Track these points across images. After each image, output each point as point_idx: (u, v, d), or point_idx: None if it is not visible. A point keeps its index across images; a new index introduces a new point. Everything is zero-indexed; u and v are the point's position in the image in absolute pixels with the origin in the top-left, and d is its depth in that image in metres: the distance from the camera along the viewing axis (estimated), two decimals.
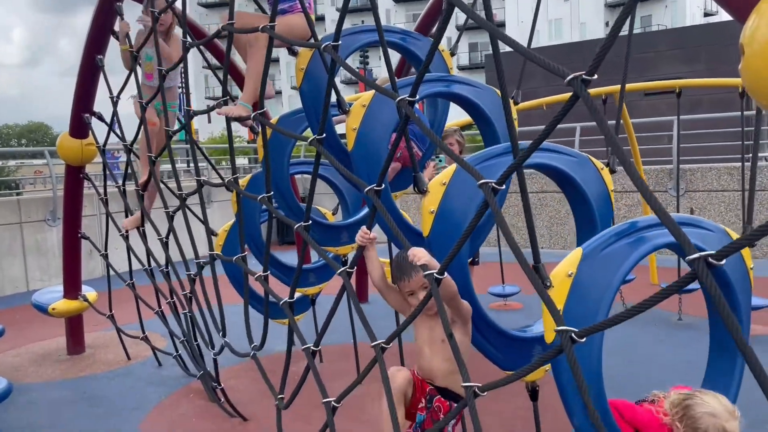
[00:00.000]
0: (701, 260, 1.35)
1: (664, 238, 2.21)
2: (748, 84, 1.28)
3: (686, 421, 2.02)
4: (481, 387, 1.86)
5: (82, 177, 5.16)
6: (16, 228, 8.73)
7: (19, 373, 5.22)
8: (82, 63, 4.56)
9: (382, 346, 2.20)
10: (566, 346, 1.61)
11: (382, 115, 3.36)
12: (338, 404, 2.37)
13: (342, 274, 2.46)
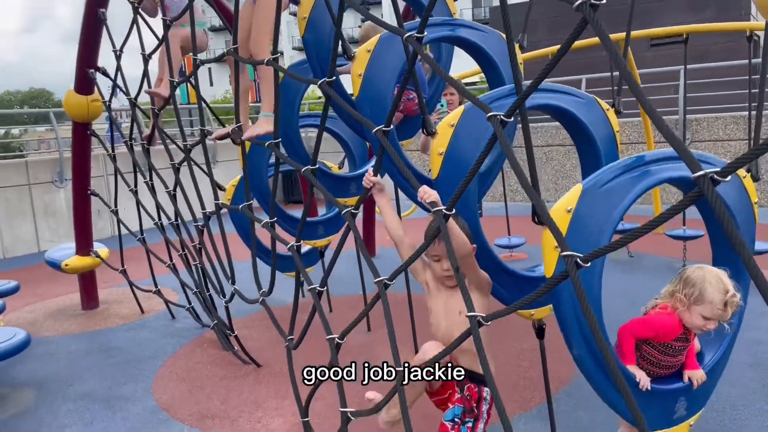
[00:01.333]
0: (707, 177, 1.39)
1: (666, 173, 2.23)
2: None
3: (685, 290, 2.12)
4: (485, 317, 1.91)
5: (89, 134, 5.18)
6: (25, 189, 8.80)
7: (35, 327, 5.35)
8: (85, 17, 4.54)
9: (385, 282, 2.24)
10: (571, 270, 1.65)
11: (387, 60, 3.35)
12: (341, 340, 2.42)
13: (346, 214, 2.47)
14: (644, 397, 2.26)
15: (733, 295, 2.06)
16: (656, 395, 2.27)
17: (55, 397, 3.92)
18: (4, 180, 8.64)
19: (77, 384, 4.11)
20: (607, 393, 2.22)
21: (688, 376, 2.27)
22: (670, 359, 2.23)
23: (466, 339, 2.01)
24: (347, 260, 5.12)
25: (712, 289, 2.08)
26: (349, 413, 2.41)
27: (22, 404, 3.86)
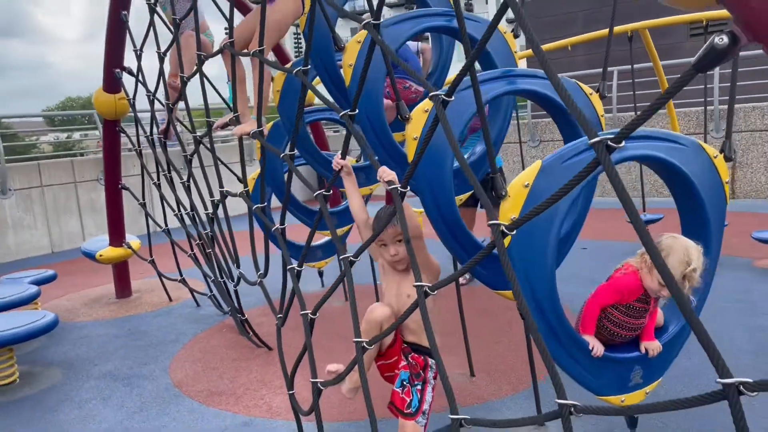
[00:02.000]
0: (602, 143, 1.46)
1: (631, 152, 2.27)
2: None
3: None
4: (431, 287, 2.01)
5: (117, 130, 5.49)
6: (71, 187, 9.31)
7: (71, 314, 5.70)
8: (109, 20, 4.82)
9: (351, 259, 2.37)
10: (497, 238, 1.72)
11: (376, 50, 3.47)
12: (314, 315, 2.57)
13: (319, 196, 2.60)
14: (598, 364, 2.32)
15: (693, 270, 2.09)
16: (610, 362, 2.33)
17: (79, 375, 4.20)
18: (53, 179, 9.17)
19: (102, 364, 4.39)
20: (559, 358, 2.29)
21: (644, 347, 2.32)
22: (633, 321, 2.29)
23: (414, 310, 2.13)
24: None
25: (674, 258, 2.12)
26: (319, 383, 2.56)
27: (50, 381, 4.15)
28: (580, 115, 1.47)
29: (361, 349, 2.33)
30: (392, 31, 3.63)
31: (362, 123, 3.44)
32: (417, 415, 2.39)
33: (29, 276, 5.54)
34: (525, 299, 2.22)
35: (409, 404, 2.44)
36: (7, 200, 8.66)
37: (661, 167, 2.34)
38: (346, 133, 2.50)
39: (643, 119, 1.40)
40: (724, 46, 1.21)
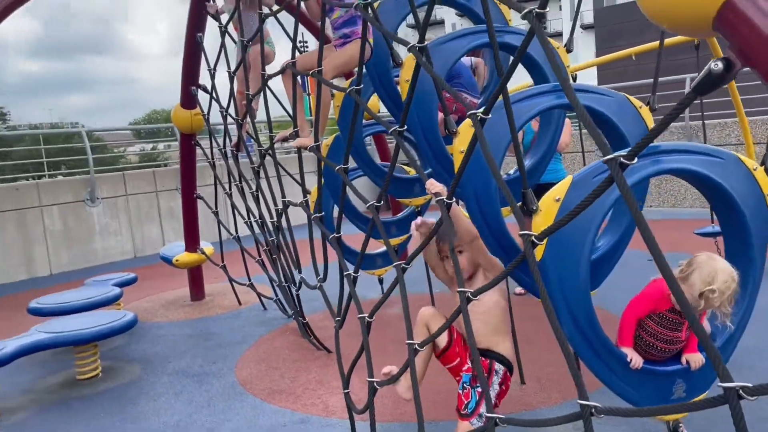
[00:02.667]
0: (615, 161, 1.54)
1: (659, 165, 2.31)
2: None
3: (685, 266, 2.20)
4: (473, 292, 2.13)
5: (193, 143, 5.87)
6: (153, 196, 9.93)
7: (150, 315, 6.12)
8: (186, 41, 5.19)
9: (403, 266, 2.52)
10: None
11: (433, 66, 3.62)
12: (371, 318, 2.72)
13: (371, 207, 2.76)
14: (637, 376, 2.35)
15: (711, 291, 2.11)
16: (650, 374, 2.35)
17: (155, 372, 4.53)
18: (136, 188, 9.81)
19: (175, 361, 4.72)
20: (597, 370, 2.34)
21: (686, 359, 2.33)
22: (668, 332, 2.31)
23: (458, 315, 2.25)
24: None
25: (697, 275, 2.15)
26: (376, 383, 2.71)
27: (129, 376, 4.50)
28: (595, 133, 1.56)
29: (413, 351, 2.46)
30: (448, 47, 3.77)
31: (416, 135, 3.59)
32: (472, 416, 2.49)
33: (113, 279, 6.01)
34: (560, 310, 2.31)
35: (466, 405, 2.54)
36: (95, 208, 9.35)
37: (697, 181, 2.36)
38: (395, 147, 2.65)
39: (652, 138, 1.49)
40: (720, 71, 1.28)
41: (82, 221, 9.26)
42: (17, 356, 3.92)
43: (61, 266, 9.05)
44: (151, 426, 3.63)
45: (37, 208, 8.88)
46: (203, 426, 3.57)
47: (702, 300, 2.13)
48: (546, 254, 2.31)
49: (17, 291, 7.89)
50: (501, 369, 2.59)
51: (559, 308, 2.29)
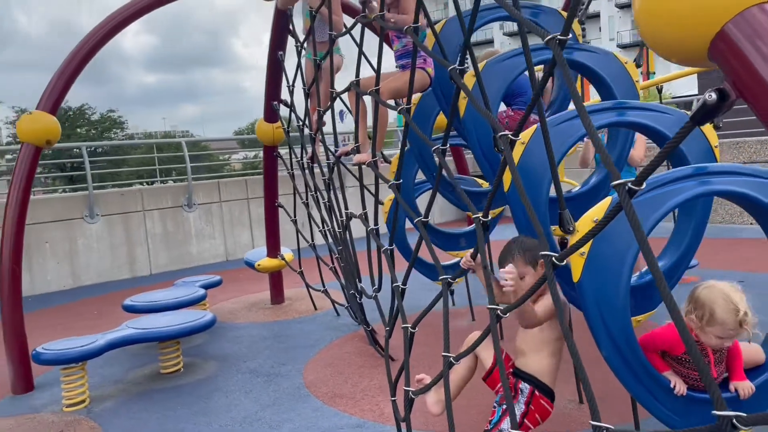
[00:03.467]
0: (623, 187, 1.56)
1: (707, 187, 2.26)
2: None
3: (696, 311, 2.13)
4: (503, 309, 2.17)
5: (275, 155, 6.20)
6: (244, 203, 10.48)
7: (233, 315, 6.50)
8: (269, 59, 5.51)
9: (448, 281, 2.59)
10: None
11: (491, 83, 3.66)
12: (414, 330, 2.81)
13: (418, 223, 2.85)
14: (684, 403, 2.29)
15: (746, 314, 2.04)
16: (697, 402, 2.28)
17: (230, 369, 4.83)
18: (230, 195, 10.40)
19: (249, 361, 5.00)
20: (638, 395, 2.30)
21: (734, 387, 2.25)
22: (693, 372, 2.24)
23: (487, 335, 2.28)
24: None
25: (721, 311, 2.08)
26: (411, 392, 2.79)
27: (205, 373, 4.83)
28: (605, 156, 1.58)
29: (447, 364, 2.53)
30: (507, 65, 3.82)
31: (475, 153, 3.66)
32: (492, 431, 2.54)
33: (199, 280, 6.43)
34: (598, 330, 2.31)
35: (490, 422, 2.60)
36: (191, 213, 10.00)
37: (746, 203, 2.29)
38: (438, 166, 2.73)
39: (656, 165, 1.49)
40: (713, 102, 1.29)
41: (179, 225, 9.94)
42: (106, 349, 4.32)
43: (160, 267, 9.75)
44: (219, 420, 3.89)
45: (141, 212, 9.62)
46: (266, 424, 3.78)
47: (743, 327, 2.07)
48: (583, 274, 2.32)
49: (121, 288, 8.58)
50: (526, 388, 2.59)
51: (597, 329, 2.28)
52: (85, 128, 32.59)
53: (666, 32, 1.36)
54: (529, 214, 2.06)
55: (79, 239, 9.11)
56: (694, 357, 1.37)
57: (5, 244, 4.66)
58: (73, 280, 9.05)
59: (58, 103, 4.86)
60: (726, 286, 2.14)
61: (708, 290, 2.16)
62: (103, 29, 4.82)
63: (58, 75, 4.80)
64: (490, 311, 2.19)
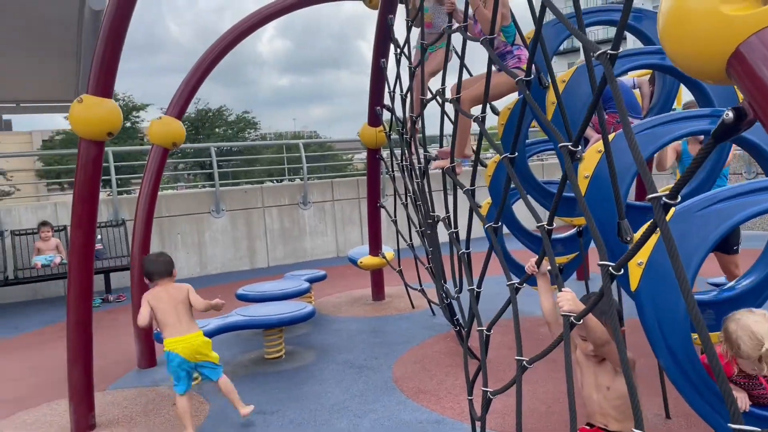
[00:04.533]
0: (659, 201, 1.59)
1: None
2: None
3: (725, 344, 2.07)
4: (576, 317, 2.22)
5: (377, 158, 6.45)
6: (355, 202, 10.90)
7: (335, 309, 6.86)
8: (372, 67, 5.76)
9: (516, 286, 2.67)
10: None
11: (580, 89, 3.65)
12: (489, 332, 2.89)
13: (541, 228, 2.93)
14: (749, 420, 2.21)
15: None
16: (760, 419, 2.20)
17: (326, 360, 5.14)
18: (342, 194, 10.86)
19: (344, 353, 5.29)
20: (699, 409, 2.26)
21: None
22: (751, 392, 2.17)
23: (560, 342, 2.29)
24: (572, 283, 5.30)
25: (745, 347, 2.05)
26: (489, 393, 2.88)
27: (304, 361, 5.17)
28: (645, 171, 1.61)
29: (521, 368, 2.59)
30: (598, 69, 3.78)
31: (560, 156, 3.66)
32: None
33: (306, 274, 6.84)
34: (656, 340, 2.29)
35: None
36: (306, 211, 10.57)
37: None
38: (506, 177, 2.80)
39: (686, 181, 1.51)
40: (731, 121, 1.30)
41: (295, 222, 10.54)
42: (216, 333, 4.78)
43: (277, 260, 10.40)
44: (310, 405, 4.18)
45: (260, 208, 10.32)
46: (351, 413, 4.02)
47: (762, 362, 2.00)
48: (641, 285, 2.32)
49: (242, 279, 9.27)
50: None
51: (655, 339, 2.27)
52: (223, 128, 34.97)
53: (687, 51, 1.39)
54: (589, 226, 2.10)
55: (206, 232, 9.95)
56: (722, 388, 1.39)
57: (136, 234, 5.28)
58: (200, 268, 9.90)
59: (184, 109, 5.42)
60: (755, 318, 2.06)
61: (735, 323, 2.11)
62: (220, 45, 5.32)
63: (184, 85, 5.35)
64: (564, 318, 2.20)
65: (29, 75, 8.74)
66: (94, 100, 3.79)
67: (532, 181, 4.64)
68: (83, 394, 3.97)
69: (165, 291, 3.95)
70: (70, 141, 28.90)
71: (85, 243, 3.91)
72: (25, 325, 7.28)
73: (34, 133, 40.97)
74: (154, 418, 4.15)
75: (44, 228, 8.28)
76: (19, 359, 5.87)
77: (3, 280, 7.94)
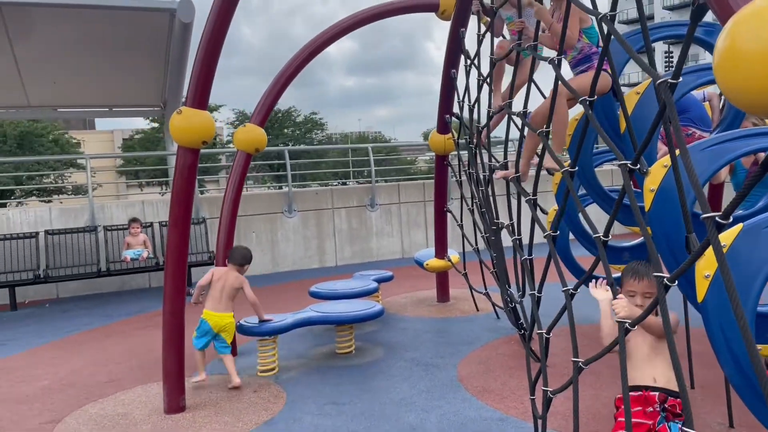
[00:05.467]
0: (711, 220, 1.75)
1: None
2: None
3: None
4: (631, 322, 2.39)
5: (445, 164, 6.67)
6: (421, 205, 11.14)
7: (402, 308, 7.12)
8: (443, 77, 5.99)
9: (571, 292, 2.84)
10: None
11: (653, 103, 3.75)
12: (548, 335, 3.06)
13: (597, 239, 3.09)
14: None
15: None
16: None
17: (394, 356, 5.40)
18: (408, 197, 11.13)
19: (411, 351, 5.54)
20: (760, 414, 2.36)
21: None
22: None
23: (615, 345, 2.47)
24: None
25: None
26: (549, 392, 3.06)
27: (373, 357, 5.45)
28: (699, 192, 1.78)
29: (577, 369, 2.78)
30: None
31: None
32: None
33: (374, 275, 7.12)
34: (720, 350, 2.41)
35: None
36: (373, 213, 10.89)
37: None
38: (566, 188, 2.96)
39: (743, 196, 1.67)
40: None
41: (362, 223, 10.89)
42: (292, 327, 5.12)
43: (345, 259, 10.77)
44: (378, 398, 4.45)
45: (330, 209, 10.71)
46: (418, 407, 4.26)
47: None
48: (708, 296, 2.45)
49: (311, 277, 9.68)
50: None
51: (720, 350, 2.39)
52: (291, 129, 35.94)
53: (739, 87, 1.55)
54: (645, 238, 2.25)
55: (279, 231, 10.43)
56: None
57: (221, 232, 5.70)
58: (272, 266, 10.38)
59: (266, 117, 5.81)
60: None
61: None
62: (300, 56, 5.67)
63: (266, 94, 5.74)
64: (619, 324, 2.37)
65: (120, 82, 9.43)
66: (192, 111, 4.18)
67: (599, 188, 4.74)
68: (176, 378, 4.38)
69: (226, 274, 4.93)
70: (149, 140, 30.44)
71: (181, 241, 4.32)
72: (117, 314, 7.91)
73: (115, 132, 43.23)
74: (236, 403, 4.52)
75: (134, 224, 8.93)
76: (113, 345, 6.43)
77: (97, 272, 8.62)
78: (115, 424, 4.24)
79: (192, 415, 4.31)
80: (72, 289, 9.30)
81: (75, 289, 9.30)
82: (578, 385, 2.79)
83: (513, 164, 3.92)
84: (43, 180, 24.96)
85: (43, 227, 9.12)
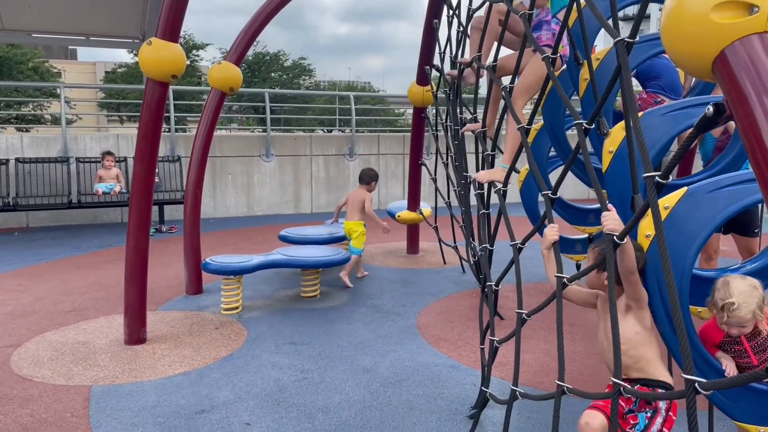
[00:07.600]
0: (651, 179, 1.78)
1: None
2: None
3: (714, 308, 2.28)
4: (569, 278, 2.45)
5: (423, 116, 6.64)
6: (401, 158, 11.12)
7: (371, 258, 7.20)
8: (425, 25, 5.90)
9: (519, 246, 2.90)
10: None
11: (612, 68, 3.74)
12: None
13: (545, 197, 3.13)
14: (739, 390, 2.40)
15: (731, 303, 2.18)
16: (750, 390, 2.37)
17: (357, 303, 5.50)
18: (388, 149, 11.10)
19: (375, 298, 5.63)
20: None
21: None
22: (738, 360, 2.36)
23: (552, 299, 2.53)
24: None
25: (717, 294, 2.26)
26: (496, 342, 3.15)
27: (337, 302, 5.54)
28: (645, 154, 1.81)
29: (521, 321, 2.85)
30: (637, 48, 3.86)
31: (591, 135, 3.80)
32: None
33: None
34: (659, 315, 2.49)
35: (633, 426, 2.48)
36: (352, 162, 10.86)
37: None
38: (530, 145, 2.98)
39: (674, 165, 1.71)
40: (710, 115, 1.50)
41: (340, 172, 10.87)
42: (257, 269, 5.17)
43: (320, 207, 10.79)
44: (336, 341, 4.55)
45: (308, 156, 10.66)
46: (373, 351, 4.36)
47: (724, 312, 2.23)
48: (647, 255, 2.51)
49: (285, 222, 9.71)
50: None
51: (657, 310, 2.46)
52: (278, 73, 35.30)
53: (680, 49, 1.58)
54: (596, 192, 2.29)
55: (255, 174, 10.38)
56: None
57: (191, 171, 5.67)
58: (247, 208, 10.38)
59: (243, 55, 5.70)
60: (740, 279, 2.24)
61: (722, 282, 2.30)
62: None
63: (244, 32, 5.62)
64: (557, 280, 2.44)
65: (99, 10, 9.16)
66: (162, 43, 4.09)
67: (569, 150, 4.77)
68: (137, 311, 4.42)
69: (354, 192, 6.25)
70: (132, 75, 29.78)
71: (147, 176, 4.29)
72: (87, 246, 7.91)
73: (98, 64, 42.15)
74: (197, 338, 4.59)
75: (108, 157, 8.82)
76: (80, 276, 6.44)
77: (67, 203, 8.56)
78: (75, 351, 4.29)
79: (152, 347, 4.38)
80: (42, 219, 9.24)
81: (45, 219, 9.25)
82: (520, 336, 2.88)
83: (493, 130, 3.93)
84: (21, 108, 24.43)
85: (14, 155, 8.99)
